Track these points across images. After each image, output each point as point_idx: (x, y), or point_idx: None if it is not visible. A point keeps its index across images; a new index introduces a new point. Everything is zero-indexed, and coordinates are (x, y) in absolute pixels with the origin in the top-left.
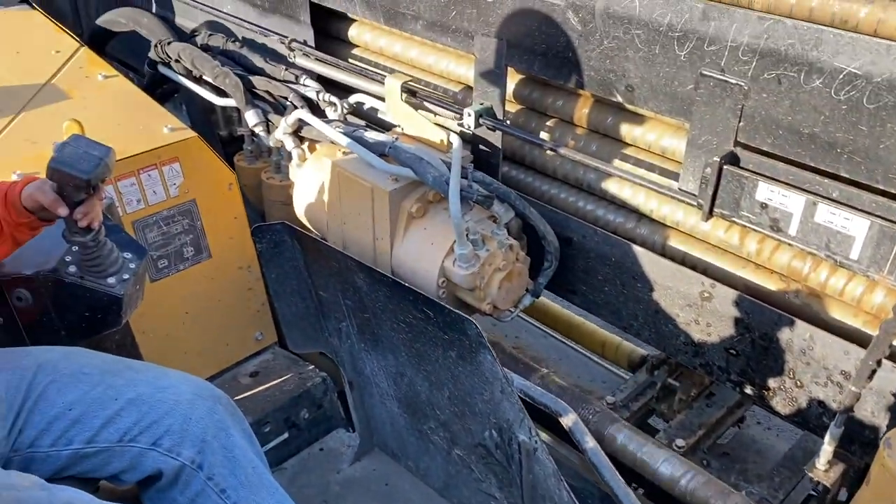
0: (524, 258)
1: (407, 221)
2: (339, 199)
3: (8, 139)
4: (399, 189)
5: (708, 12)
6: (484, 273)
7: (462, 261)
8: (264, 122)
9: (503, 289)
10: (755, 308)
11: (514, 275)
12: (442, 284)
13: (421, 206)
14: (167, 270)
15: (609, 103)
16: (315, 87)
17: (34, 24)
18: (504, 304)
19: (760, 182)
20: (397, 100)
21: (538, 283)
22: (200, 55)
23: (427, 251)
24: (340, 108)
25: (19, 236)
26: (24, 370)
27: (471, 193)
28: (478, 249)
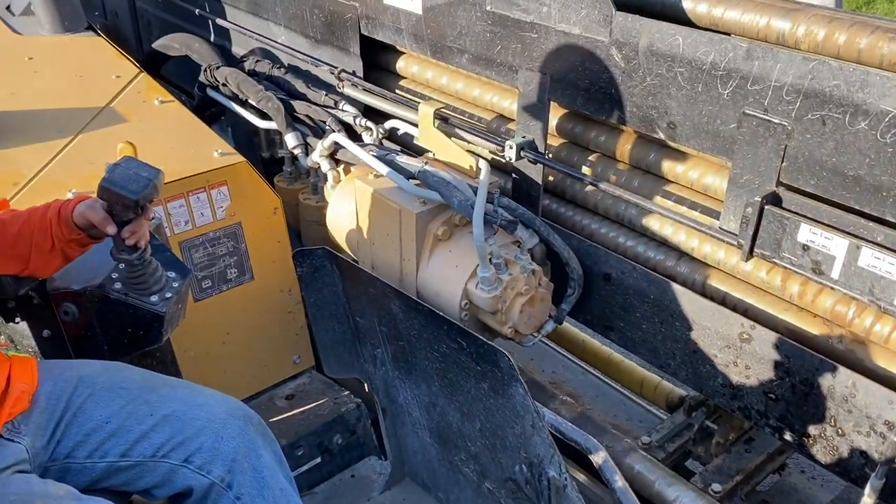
0: (547, 284)
1: (433, 244)
2: (368, 220)
3: (67, 159)
4: (426, 212)
5: (752, 52)
6: (506, 297)
7: (484, 284)
8: (303, 144)
9: (525, 313)
10: (796, 352)
11: (537, 300)
12: (464, 307)
13: (447, 229)
14: (210, 291)
15: (652, 140)
16: (352, 112)
17: (98, 49)
18: (526, 328)
19: (802, 223)
20: (430, 126)
21: (561, 309)
22: (246, 79)
23: (451, 273)
24: (376, 132)
25: (70, 252)
26: (66, 382)
27: (495, 218)
28: (500, 273)
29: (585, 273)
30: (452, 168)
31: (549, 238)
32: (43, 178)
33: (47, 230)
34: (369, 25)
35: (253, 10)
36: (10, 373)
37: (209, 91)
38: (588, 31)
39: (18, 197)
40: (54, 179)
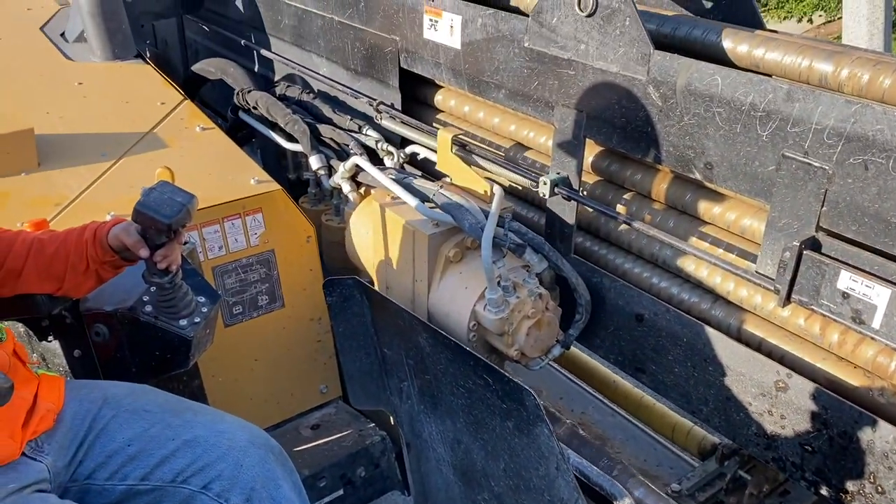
0: (554, 308)
1: (444, 265)
2: (384, 241)
3: (108, 181)
4: (438, 233)
5: (792, 93)
6: (513, 319)
7: (492, 305)
8: (327, 166)
9: (531, 336)
10: (834, 403)
11: (544, 323)
12: (472, 328)
13: (458, 251)
14: (241, 317)
15: (688, 180)
16: (375, 137)
17: (145, 76)
18: (532, 351)
19: (843, 270)
20: (447, 151)
21: (569, 334)
22: (275, 103)
23: (460, 294)
24: (397, 157)
25: (103, 273)
26: (91, 402)
27: (504, 241)
28: (508, 296)
29: (617, 313)
30: (468, 193)
31: (557, 263)
32: (84, 200)
33: (83, 251)
34: (409, 59)
35: (296, 42)
36: (37, 391)
37: (241, 114)
38: (626, 70)
39: (59, 218)
40: (94, 201)
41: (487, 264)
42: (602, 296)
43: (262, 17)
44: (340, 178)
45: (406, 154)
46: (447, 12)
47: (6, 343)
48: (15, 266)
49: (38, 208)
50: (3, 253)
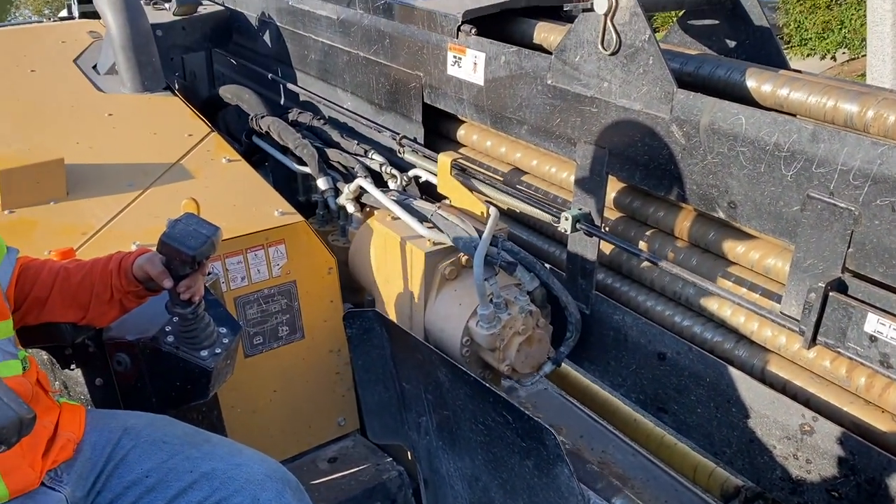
0: (545, 325)
1: (440, 282)
2: (384, 259)
3: (134, 211)
4: (434, 252)
5: (817, 134)
6: (504, 335)
7: (484, 321)
8: (333, 188)
9: (522, 352)
10: (862, 448)
11: (534, 340)
12: (466, 343)
13: (454, 269)
14: (261, 347)
15: (711, 218)
16: (379, 161)
17: (173, 108)
18: (523, 367)
19: (870, 313)
20: (447, 175)
21: (560, 352)
22: (286, 128)
23: (455, 311)
24: (400, 179)
25: (127, 303)
26: (111, 433)
27: (496, 259)
28: (500, 312)
29: (640, 351)
30: (465, 214)
31: (548, 282)
32: (110, 230)
33: (107, 281)
34: (432, 94)
35: (322, 77)
36: (58, 420)
37: (254, 138)
38: (649, 108)
39: (85, 247)
40: (120, 231)
41: (479, 281)
42: (624, 333)
43: (290, 51)
44: (345, 199)
45: (409, 177)
46: (471, 49)
47: (29, 372)
48: (41, 294)
49: (66, 237)
50: (30, 281)
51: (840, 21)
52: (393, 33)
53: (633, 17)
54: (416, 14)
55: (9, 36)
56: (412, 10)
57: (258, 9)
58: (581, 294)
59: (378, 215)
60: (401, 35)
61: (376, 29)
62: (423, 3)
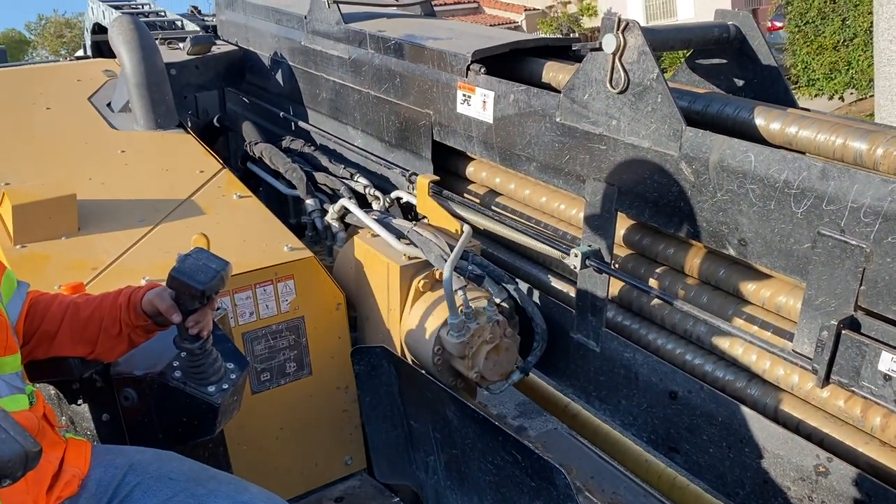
0: (512, 334)
1: (415, 295)
2: (364, 274)
3: (145, 247)
4: (409, 265)
5: (827, 171)
6: (473, 343)
7: (453, 330)
8: (320, 209)
9: (490, 360)
10: (879, 490)
11: (502, 349)
12: (437, 352)
13: (427, 282)
14: (268, 384)
15: (722, 255)
16: (364, 183)
17: (185, 145)
18: (492, 374)
19: (884, 351)
20: (426, 195)
21: (527, 361)
22: (277, 153)
23: (427, 321)
24: (383, 201)
25: (135, 338)
26: (116, 469)
27: (465, 272)
28: (469, 322)
29: (651, 390)
30: (441, 231)
31: (515, 294)
32: (120, 265)
33: (116, 315)
34: (441, 132)
35: (333, 115)
36: (64, 455)
37: (249, 164)
38: (657, 145)
39: (95, 282)
40: (130, 266)
41: (448, 291)
42: (635, 372)
43: (301, 90)
44: (331, 219)
45: (391, 198)
46: (480, 88)
47: (36, 406)
48: (50, 329)
49: (77, 272)
50: (40, 315)
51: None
52: (403, 72)
53: (641, 55)
54: (427, 54)
55: (26, 74)
56: (422, 50)
57: (271, 48)
58: (591, 331)
59: (360, 234)
60: (411, 74)
61: (387, 68)
62: (432, 43)
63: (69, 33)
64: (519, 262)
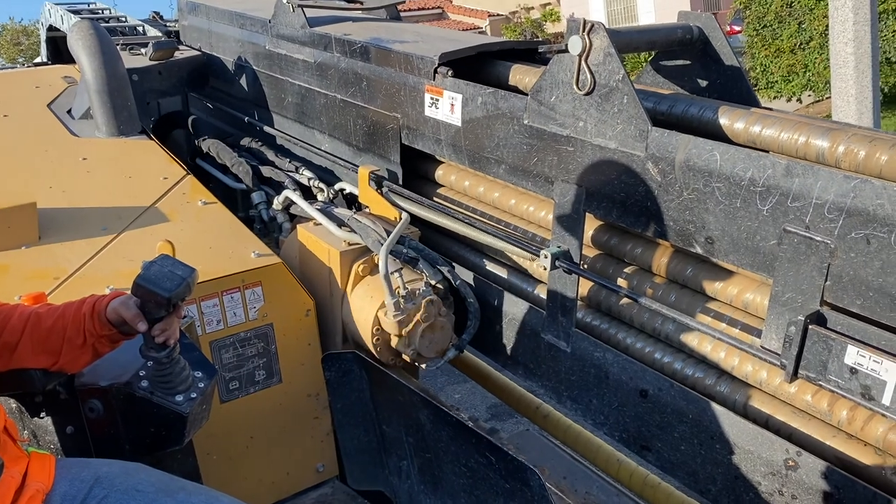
0: (447, 313)
1: (355, 279)
2: (308, 261)
3: (108, 255)
4: (349, 251)
5: (791, 169)
6: (409, 322)
7: (390, 310)
8: (266, 202)
9: (426, 338)
10: (847, 483)
11: (437, 327)
12: (376, 332)
13: (367, 266)
14: (237, 393)
15: (689, 254)
16: (308, 175)
17: (149, 152)
18: (428, 352)
19: (849, 345)
20: (366, 185)
21: (462, 339)
22: (224, 148)
23: (366, 303)
24: (327, 192)
25: (100, 348)
26: (82, 483)
27: (400, 255)
28: (405, 302)
29: (621, 388)
30: (380, 219)
31: (448, 276)
32: (83, 274)
33: (80, 325)
34: (410, 135)
35: (299, 119)
36: (27, 470)
37: (198, 160)
38: (624, 146)
39: (57, 291)
40: (94, 275)
41: (384, 272)
42: (605, 371)
43: (266, 95)
44: (276, 211)
45: (335, 190)
46: (448, 91)
47: None
48: (10, 340)
49: (37, 282)
50: (0, 327)
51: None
52: (370, 76)
53: (607, 57)
54: (393, 57)
55: None
56: (389, 53)
57: (235, 53)
58: (561, 332)
59: (303, 223)
60: (378, 77)
61: (353, 72)
62: (399, 46)
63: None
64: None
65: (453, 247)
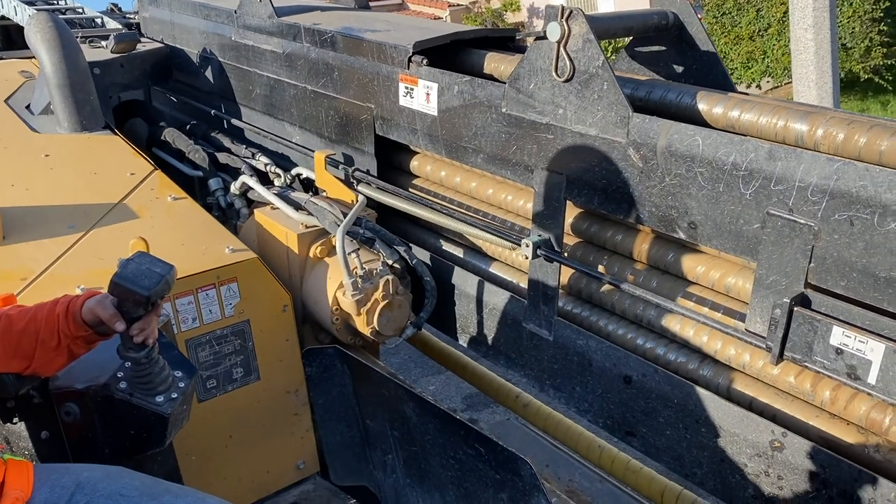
0: (404, 292)
1: (313, 260)
2: (266, 245)
3: (76, 254)
4: (306, 233)
5: (774, 152)
6: (367, 301)
7: (349, 289)
8: (223, 188)
9: (384, 316)
10: (833, 461)
11: (395, 306)
12: (335, 311)
13: (324, 248)
14: (215, 391)
15: (670, 239)
16: (265, 161)
17: (113, 147)
18: (386, 330)
19: (835, 326)
20: (322, 170)
21: (420, 316)
22: (180, 136)
23: (325, 284)
24: (284, 177)
25: (76, 349)
26: (63, 489)
27: (357, 235)
28: (364, 282)
29: (605, 375)
30: (337, 202)
31: (405, 255)
32: (52, 274)
33: (54, 327)
34: (384, 126)
35: (268, 112)
36: (4, 477)
37: (154, 149)
38: (605, 133)
39: (26, 292)
40: (63, 275)
41: (341, 254)
42: (588, 358)
43: (233, 87)
44: (233, 196)
45: (292, 175)
46: (423, 80)
47: None
48: None
49: (4, 283)
50: None
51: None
52: (342, 66)
53: (586, 43)
54: (365, 46)
55: None
56: (361, 42)
57: (199, 45)
58: (543, 320)
59: (261, 208)
60: (350, 67)
61: (324, 62)
62: (371, 35)
63: None
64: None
65: (430, 238)
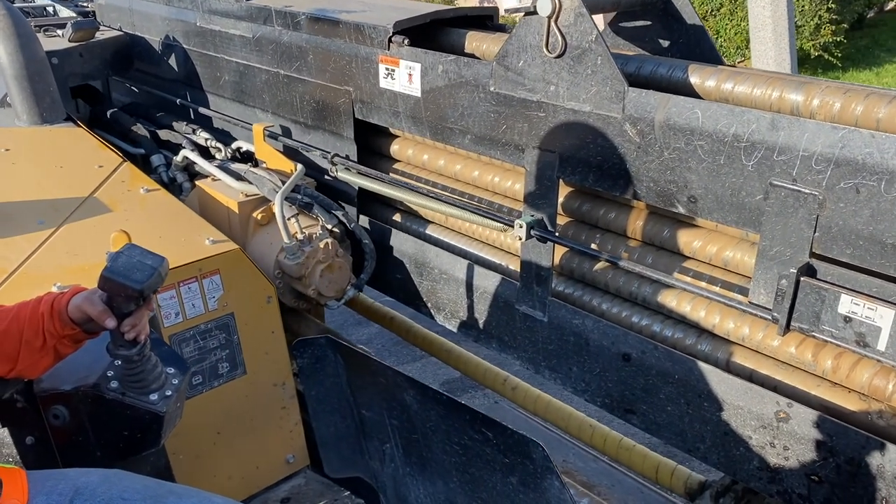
0: (343, 254)
1: (254, 227)
2: (209, 215)
3: (50, 251)
4: (247, 202)
5: (776, 122)
6: (308, 264)
7: (289, 253)
8: (165, 164)
9: (325, 278)
10: (840, 430)
11: (335, 268)
12: (278, 275)
13: (265, 215)
14: (201, 387)
15: (665, 215)
16: (205, 136)
17: (78, 140)
18: (328, 291)
19: (843, 294)
20: (261, 141)
21: (360, 278)
22: (122, 115)
23: (266, 249)
24: (224, 151)
25: (62, 349)
26: (61, 495)
27: (295, 201)
28: (304, 246)
29: (603, 354)
30: (276, 172)
31: (343, 219)
32: (25, 272)
33: (38, 326)
34: (364, 109)
35: (238, 98)
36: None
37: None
38: (599, 109)
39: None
40: (37, 273)
41: (281, 219)
42: (585, 338)
43: (199, 74)
44: (174, 171)
45: (233, 148)
46: (405, 60)
47: None
48: None
49: None
50: None
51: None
52: (316, 48)
53: (578, 17)
54: (342, 27)
55: None
56: (337, 23)
57: (161, 32)
58: (537, 301)
59: (202, 181)
60: (325, 50)
61: (297, 45)
62: (347, 16)
63: None
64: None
65: (412, 223)
